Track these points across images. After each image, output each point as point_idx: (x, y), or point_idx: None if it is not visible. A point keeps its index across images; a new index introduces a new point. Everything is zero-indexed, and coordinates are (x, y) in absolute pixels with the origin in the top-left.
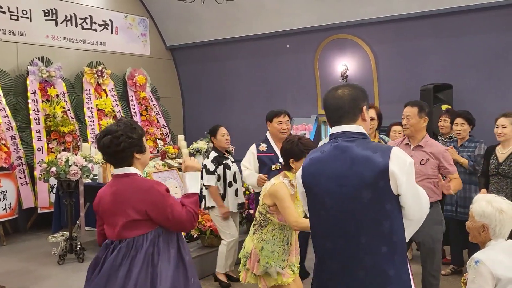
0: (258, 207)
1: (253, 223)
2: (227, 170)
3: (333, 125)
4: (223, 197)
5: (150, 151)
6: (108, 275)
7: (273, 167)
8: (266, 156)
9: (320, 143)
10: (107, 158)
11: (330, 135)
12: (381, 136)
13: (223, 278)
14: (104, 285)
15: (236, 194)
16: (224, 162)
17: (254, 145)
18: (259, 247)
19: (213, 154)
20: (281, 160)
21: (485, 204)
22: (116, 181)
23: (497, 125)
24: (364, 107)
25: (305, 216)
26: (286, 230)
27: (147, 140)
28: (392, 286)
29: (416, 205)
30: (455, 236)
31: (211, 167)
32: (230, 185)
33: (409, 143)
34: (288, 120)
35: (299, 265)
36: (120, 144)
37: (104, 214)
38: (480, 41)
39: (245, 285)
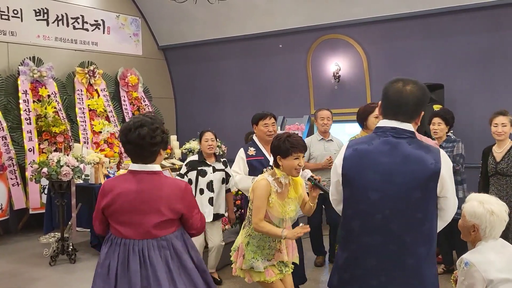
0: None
1: (244, 222)
2: (200, 176)
3: (387, 117)
4: None
5: None
6: (163, 280)
7: (264, 170)
8: (256, 160)
9: (308, 140)
10: (132, 150)
11: (378, 127)
12: None
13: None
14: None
15: (210, 203)
16: (199, 168)
17: (242, 150)
18: (245, 242)
19: (192, 158)
20: (271, 163)
21: (477, 204)
22: (139, 177)
23: (496, 123)
24: (423, 112)
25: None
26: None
27: None
28: (428, 287)
29: (454, 208)
30: (444, 236)
31: (183, 170)
32: (202, 192)
33: None
34: (274, 122)
35: (293, 266)
36: (156, 137)
37: (120, 212)
38: (471, 41)
39: (237, 284)
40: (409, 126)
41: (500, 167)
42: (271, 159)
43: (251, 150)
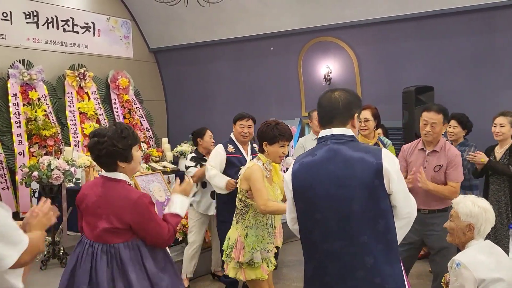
0: (237, 195)
1: (235, 212)
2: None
3: (324, 125)
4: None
5: None
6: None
7: (241, 168)
8: (235, 158)
9: (302, 139)
10: (95, 160)
11: (319, 138)
12: (380, 137)
13: (186, 283)
14: None
15: (212, 196)
16: (202, 163)
17: (221, 146)
18: (243, 235)
19: (191, 155)
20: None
21: (471, 204)
22: (103, 182)
23: (495, 124)
24: (356, 114)
25: (284, 201)
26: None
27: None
28: (390, 283)
29: (407, 204)
30: None
31: (191, 163)
32: (204, 186)
33: (424, 148)
34: (251, 125)
35: (275, 263)
36: (102, 150)
37: (85, 212)
38: (461, 44)
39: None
40: (346, 131)
41: None
42: (248, 157)
43: (230, 147)
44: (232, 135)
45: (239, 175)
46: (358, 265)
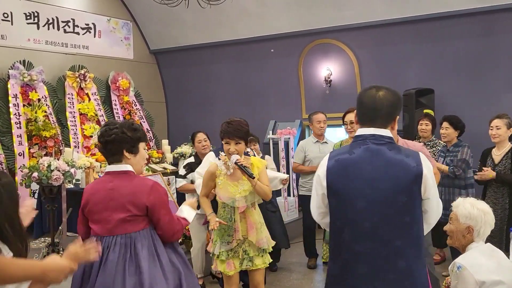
0: None
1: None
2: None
3: (365, 124)
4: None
5: None
6: (115, 274)
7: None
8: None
9: (303, 142)
10: (100, 149)
11: (357, 136)
12: None
13: (200, 281)
14: (111, 284)
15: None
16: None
17: (212, 154)
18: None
19: (188, 160)
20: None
21: (470, 206)
22: (111, 177)
23: (491, 126)
24: (397, 117)
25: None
26: (228, 208)
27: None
28: (418, 286)
29: (437, 209)
30: (439, 237)
31: (182, 172)
32: None
33: None
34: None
35: (268, 262)
36: (111, 136)
37: (94, 209)
38: (461, 47)
39: None
40: (386, 132)
41: (498, 170)
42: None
43: (222, 155)
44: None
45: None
46: (390, 269)
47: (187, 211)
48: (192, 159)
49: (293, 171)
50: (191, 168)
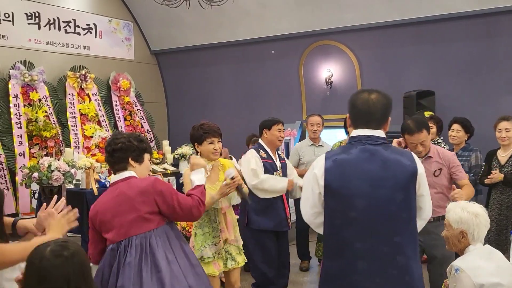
0: None
1: None
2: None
3: (358, 126)
4: None
5: None
6: (134, 275)
7: (274, 174)
8: (268, 163)
9: (298, 145)
10: (107, 159)
11: (353, 137)
12: None
13: None
14: (131, 286)
15: None
16: None
17: (253, 151)
18: (193, 234)
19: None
20: (279, 168)
21: (460, 210)
22: (114, 187)
23: (499, 129)
24: (390, 118)
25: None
26: (211, 210)
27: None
28: (417, 280)
29: (430, 205)
30: None
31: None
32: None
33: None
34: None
35: (245, 260)
36: (118, 144)
37: (104, 219)
38: (462, 49)
39: None
40: (381, 133)
41: (504, 171)
42: (278, 163)
43: (262, 153)
44: (261, 141)
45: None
46: (390, 264)
47: (194, 176)
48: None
49: None
50: None
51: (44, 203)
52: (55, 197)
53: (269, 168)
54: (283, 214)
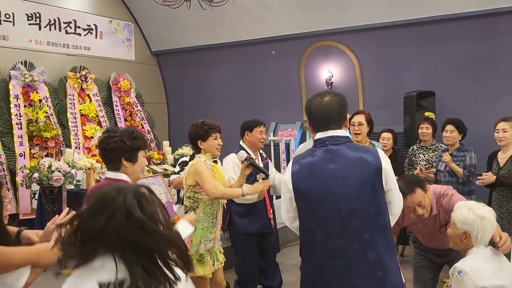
0: (184, 193)
1: (184, 211)
2: None
3: (319, 130)
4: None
5: None
6: None
7: (258, 177)
8: None
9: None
10: (100, 155)
11: (316, 140)
12: (371, 141)
13: None
14: None
15: None
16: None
17: (234, 155)
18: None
19: (184, 159)
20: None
21: (466, 211)
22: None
23: (497, 129)
24: (348, 115)
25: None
26: (215, 204)
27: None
28: (391, 275)
29: (399, 200)
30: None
31: (176, 169)
32: None
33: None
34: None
35: (224, 259)
36: (110, 144)
37: None
38: (462, 49)
39: None
40: (343, 132)
41: (502, 173)
42: (260, 164)
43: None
44: (242, 143)
45: (184, 171)
46: (362, 261)
47: (182, 226)
48: (187, 158)
49: None
50: (184, 166)
51: (57, 215)
52: (67, 209)
53: (251, 172)
54: (266, 217)
